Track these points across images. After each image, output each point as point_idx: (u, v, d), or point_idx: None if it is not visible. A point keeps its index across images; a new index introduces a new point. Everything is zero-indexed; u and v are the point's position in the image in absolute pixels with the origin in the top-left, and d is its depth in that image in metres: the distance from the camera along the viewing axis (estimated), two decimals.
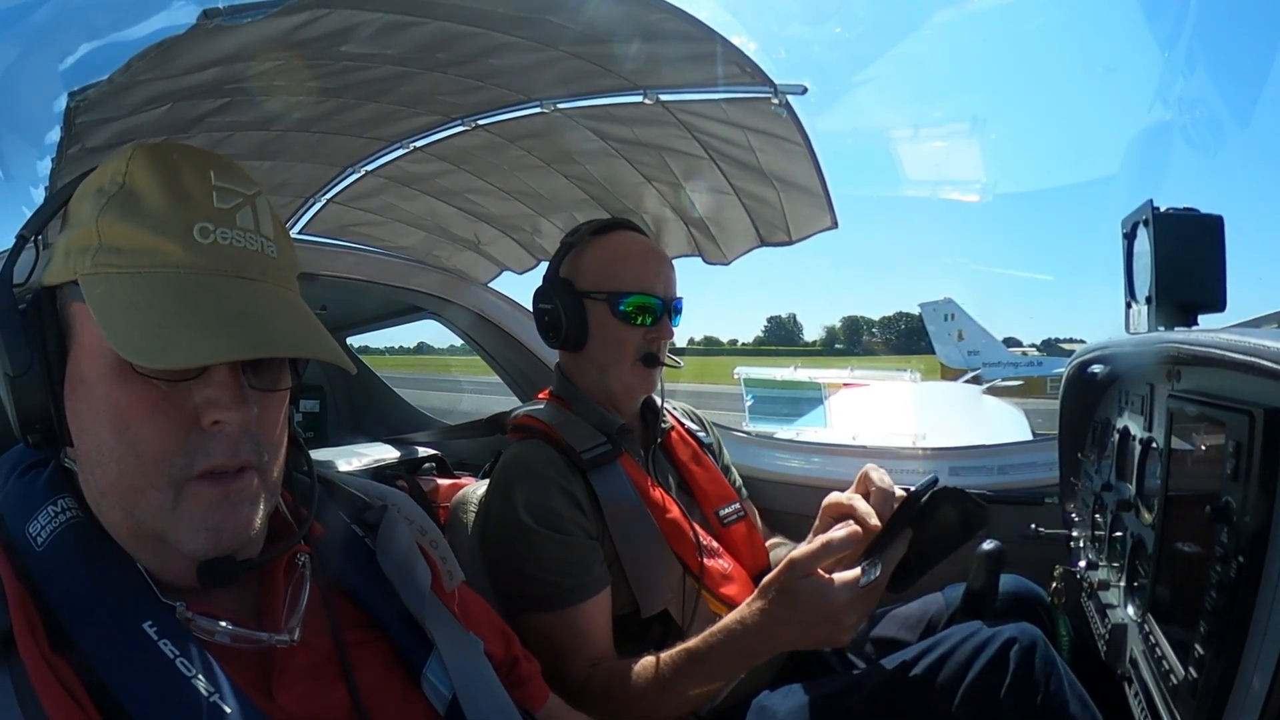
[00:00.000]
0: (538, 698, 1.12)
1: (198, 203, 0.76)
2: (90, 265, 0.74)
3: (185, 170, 0.77)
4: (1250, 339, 0.85)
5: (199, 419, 0.75)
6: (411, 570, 0.96)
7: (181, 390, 0.74)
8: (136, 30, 1.27)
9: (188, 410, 0.75)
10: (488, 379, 3.45)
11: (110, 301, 0.72)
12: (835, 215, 2.15)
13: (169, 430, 0.74)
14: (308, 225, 2.50)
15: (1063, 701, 1.25)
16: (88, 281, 0.74)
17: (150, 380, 0.73)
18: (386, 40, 1.49)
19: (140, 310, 0.72)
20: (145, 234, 0.74)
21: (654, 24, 1.52)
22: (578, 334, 1.61)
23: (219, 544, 0.76)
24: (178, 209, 0.75)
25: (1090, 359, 1.60)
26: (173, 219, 0.75)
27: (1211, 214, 1.33)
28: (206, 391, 0.74)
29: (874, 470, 1.40)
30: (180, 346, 0.70)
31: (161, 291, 0.73)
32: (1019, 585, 1.69)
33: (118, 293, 0.73)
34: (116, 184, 0.76)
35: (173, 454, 0.74)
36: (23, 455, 0.84)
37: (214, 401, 0.74)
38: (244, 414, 0.76)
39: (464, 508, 1.67)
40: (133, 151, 0.77)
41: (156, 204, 0.75)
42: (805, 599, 1.20)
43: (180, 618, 0.75)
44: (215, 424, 0.75)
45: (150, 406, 0.74)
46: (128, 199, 0.75)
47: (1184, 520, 1.07)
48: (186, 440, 0.74)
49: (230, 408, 0.75)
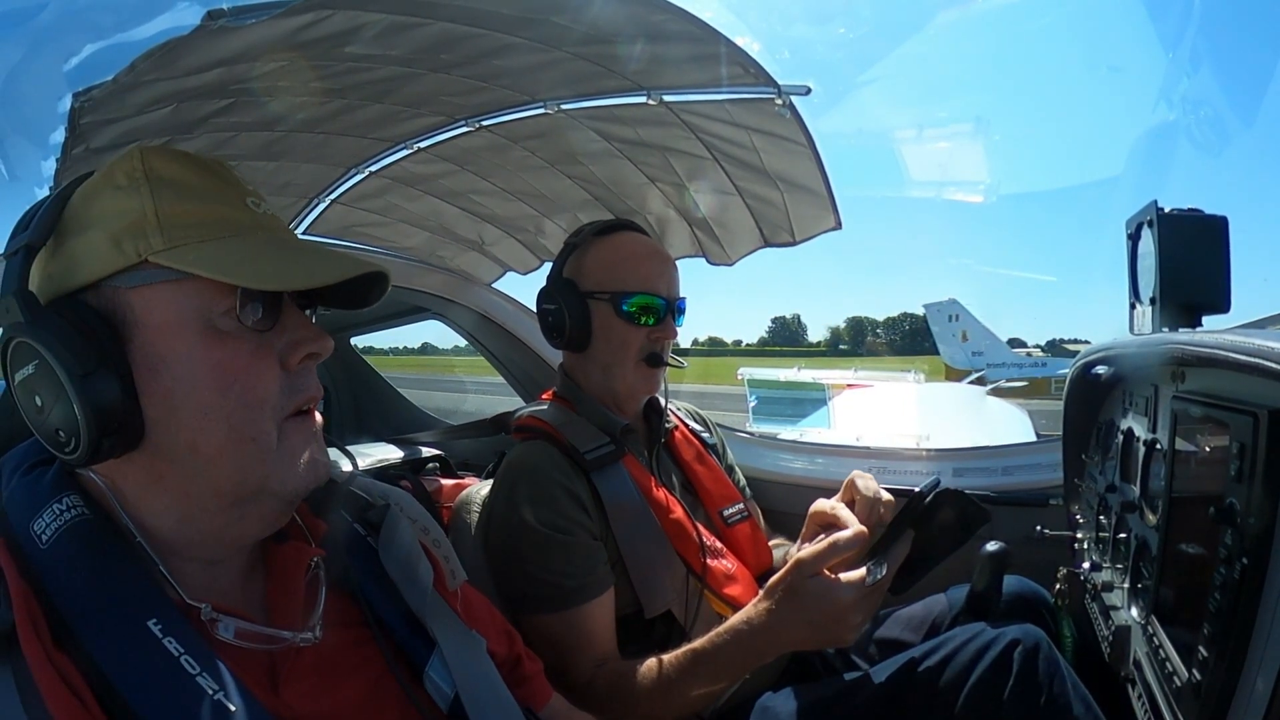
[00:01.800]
0: (540, 696, 1.12)
1: (232, 183, 0.83)
2: (163, 242, 0.75)
3: (199, 162, 0.82)
4: (1255, 340, 0.85)
5: (287, 363, 0.81)
6: (414, 569, 0.97)
7: (267, 340, 0.80)
8: (141, 31, 1.27)
9: (276, 356, 0.80)
10: (491, 379, 3.46)
11: (216, 258, 0.76)
12: (839, 216, 2.15)
13: (270, 374, 0.79)
14: (312, 226, 2.49)
15: (1066, 703, 1.25)
16: (172, 255, 0.74)
17: (240, 336, 0.78)
18: (390, 41, 1.50)
19: (248, 259, 0.77)
20: (209, 207, 0.79)
21: (658, 25, 1.52)
22: (581, 334, 1.61)
23: (316, 476, 0.83)
24: (227, 187, 0.82)
25: (1094, 360, 1.60)
26: (228, 193, 0.81)
27: (1216, 215, 1.33)
28: (289, 334, 0.81)
29: (860, 477, 1.40)
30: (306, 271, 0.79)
31: (255, 245, 0.79)
32: (1023, 586, 1.69)
33: (217, 251, 0.77)
34: (137, 178, 0.77)
35: (276, 395, 0.79)
36: (26, 455, 0.84)
37: (302, 339, 0.82)
38: (329, 343, 0.84)
39: (467, 508, 1.67)
40: (139, 152, 0.78)
41: (205, 184, 0.80)
42: (812, 599, 1.20)
43: (206, 619, 0.75)
44: (307, 359, 0.82)
45: (250, 357, 0.78)
46: (169, 184, 0.77)
47: (1188, 522, 1.07)
48: (284, 381, 0.80)
49: (319, 338, 0.83)
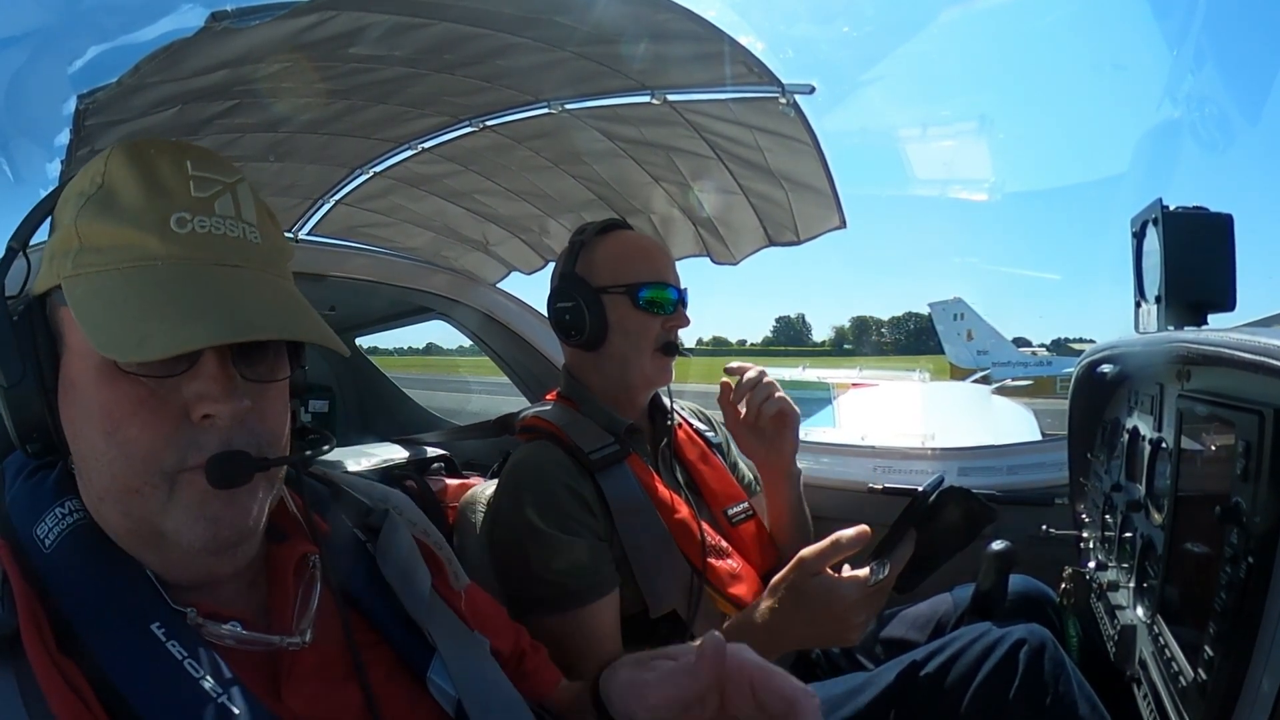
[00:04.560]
0: (549, 682, 1.12)
1: (174, 193, 0.75)
2: (71, 267, 0.74)
3: (161, 163, 0.76)
4: (1260, 338, 0.85)
5: (190, 414, 0.74)
6: (412, 574, 0.96)
7: (169, 386, 0.73)
8: (145, 33, 1.27)
9: (176, 406, 0.74)
10: (496, 379, 3.46)
11: (89, 300, 0.72)
12: (843, 215, 2.14)
13: (157, 427, 0.73)
14: (317, 226, 2.50)
15: (1072, 703, 1.25)
16: (70, 283, 0.74)
17: (137, 378, 0.73)
18: (394, 42, 1.50)
19: (118, 306, 0.71)
20: (123, 230, 0.73)
21: (661, 24, 1.52)
22: (599, 330, 1.61)
23: (218, 534, 0.76)
24: (154, 201, 0.75)
25: (1100, 359, 1.60)
26: (148, 212, 0.74)
27: (1221, 212, 1.33)
28: (194, 385, 0.73)
29: None
30: (156, 338, 0.69)
31: (140, 285, 0.72)
32: (1028, 586, 1.69)
33: (98, 291, 0.72)
34: (95, 184, 0.75)
35: (162, 451, 0.73)
36: (28, 458, 0.84)
37: (202, 395, 0.73)
38: (234, 406, 0.75)
39: (472, 508, 1.67)
40: (111, 151, 0.77)
41: (132, 199, 0.74)
42: (814, 597, 1.21)
43: (191, 624, 0.75)
44: (205, 418, 0.74)
45: (137, 405, 0.73)
46: (105, 198, 0.75)
47: (1194, 521, 1.07)
48: (176, 436, 0.73)
49: (219, 400, 0.74)
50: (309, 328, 0.78)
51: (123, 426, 0.73)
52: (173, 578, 0.78)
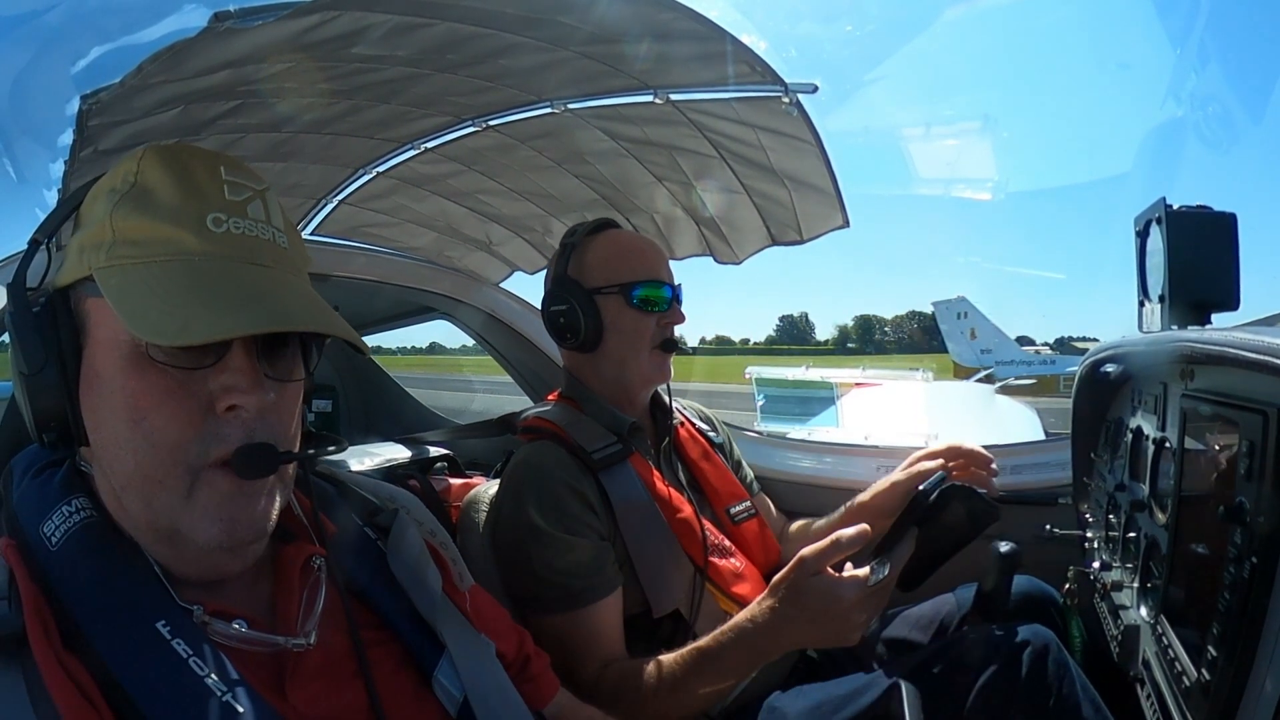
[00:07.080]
0: (547, 690, 1.12)
1: (210, 195, 0.78)
2: (105, 259, 0.75)
3: (196, 167, 0.79)
4: (1264, 338, 0.84)
5: (215, 407, 0.75)
6: (423, 573, 0.97)
7: (197, 378, 0.75)
8: (148, 33, 1.28)
9: (203, 398, 0.75)
10: (499, 379, 3.46)
11: (126, 289, 0.73)
12: (847, 214, 2.15)
13: (184, 417, 0.75)
14: (320, 226, 2.51)
15: (1075, 704, 1.25)
16: (103, 274, 0.75)
17: (165, 369, 0.74)
18: (397, 42, 1.50)
19: (157, 295, 0.72)
20: (160, 225, 0.75)
21: (664, 23, 1.52)
22: (595, 331, 1.61)
23: (233, 535, 0.77)
24: (190, 201, 0.77)
25: (1103, 358, 1.59)
26: (185, 210, 0.76)
27: (1225, 211, 1.32)
28: (222, 378, 0.75)
29: None
30: (199, 324, 0.71)
31: (177, 277, 0.74)
32: (1032, 586, 1.69)
33: (134, 281, 0.74)
34: (129, 182, 0.77)
35: (188, 442, 0.75)
36: (36, 456, 0.84)
37: (231, 386, 0.75)
38: (260, 398, 0.77)
39: (475, 507, 1.67)
40: (144, 152, 0.79)
41: (169, 197, 0.76)
42: (815, 596, 1.20)
43: (197, 621, 0.75)
44: (231, 409, 0.76)
45: (165, 394, 0.74)
46: (141, 195, 0.76)
47: (1197, 521, 1.07)
48: (203, 427, 0.75)
49: (247, 392, 0.76)
50: (341, 326, 0.81)
51: (149, 416, 0.74)
52: (181, 573, 0.79)
